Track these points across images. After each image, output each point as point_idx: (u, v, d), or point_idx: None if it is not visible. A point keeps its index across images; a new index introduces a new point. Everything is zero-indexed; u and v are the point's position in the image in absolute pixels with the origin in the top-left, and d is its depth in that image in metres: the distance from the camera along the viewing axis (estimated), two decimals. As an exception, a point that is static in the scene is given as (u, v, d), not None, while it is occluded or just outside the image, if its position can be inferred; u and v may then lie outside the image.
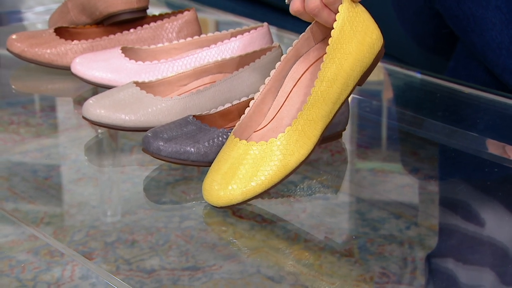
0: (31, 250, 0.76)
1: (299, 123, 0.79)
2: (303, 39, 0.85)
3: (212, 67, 1.00)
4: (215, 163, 0.81)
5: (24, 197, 0.86)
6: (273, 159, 0.78)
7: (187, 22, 1.14)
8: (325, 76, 0.80)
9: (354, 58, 0.80)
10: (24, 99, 1.12)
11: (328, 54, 0.80)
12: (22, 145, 0.98)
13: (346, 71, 0.80)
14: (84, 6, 1.15)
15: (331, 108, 0.80)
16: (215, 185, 0.78)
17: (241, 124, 0.83)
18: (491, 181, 0.90)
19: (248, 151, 0.79)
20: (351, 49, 0.80)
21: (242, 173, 0.78)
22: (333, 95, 0.80)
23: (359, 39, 0.80)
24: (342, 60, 0.80)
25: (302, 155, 0.79)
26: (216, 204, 0.79)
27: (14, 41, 1.13)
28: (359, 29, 0.80)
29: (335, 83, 0.80)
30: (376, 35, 0.82)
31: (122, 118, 0.92)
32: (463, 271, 0.75)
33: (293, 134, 0.79)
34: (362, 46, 0.81)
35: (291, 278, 0.73)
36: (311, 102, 0.79)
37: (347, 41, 0.80)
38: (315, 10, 0.80)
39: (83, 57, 1.06)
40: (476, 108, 1.10)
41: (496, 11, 1.09)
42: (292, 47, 0.85)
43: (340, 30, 0.80)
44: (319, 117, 0.80)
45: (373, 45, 0.81)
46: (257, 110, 0.84)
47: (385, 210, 0.84)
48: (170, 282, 0.72)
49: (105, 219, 0.83)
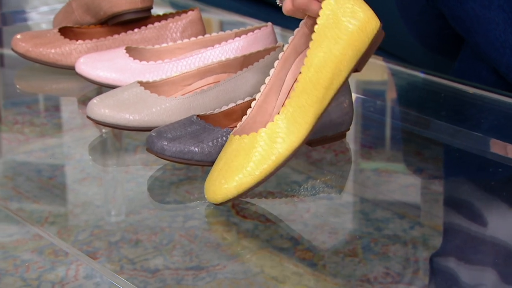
0: (36, 250, 0.77)
1: (288, 111, 0.79)
2: (299, 35, 0.85)
3: (216, 67, 1.00)
4: (215, 162, 0.81)
5: (29, 196, 0.86)
6: (263, 147, 0.78)
7: (191, 22, 1.14)
8: (312, 62, 0.79)
9: (345, 42, 0.80)
10: (28, 99, 1.12)
11: (314, 41, 0.80)
12: (27, 145, 0.98)
13: (336, 56, 0.80)
14: (89, 6, 1.15)
15: (323, 94, 0.80)
16: (212, 182, 0.79)
17: (243, 125, 0.82)
18: (495, 181, 0.90)
19: (239, 145, 0.79)
20: (341, 34, 0.80)
21: (235, 166, 0.78)
22: (324, 81, 0.80)
23: (350, 24, 0.80)
24: (330, 46, 0.80)
25: (293, 142, 0.79)
26: (214, 201, 0.79)
27: (18, 41, 1.13)
28: (347, 14, 0.80)
29: (325, 68, 0.80)
30: (370, 18, 0.81)
31: (126, 117, 0.92)
32: (467, 271, 0.75)
33: (282, 122, 0.79)
34: (354, 30, 0.80)
35: (294, 278, 0.73)
36: (299, 88, 0.79)
37: (334, 27, 0.80)
38: (303, 5, 0.81)
39: (88, 57, 1.06)
40: (481, 108, 1.09)
41: (499, 10, 1.09)
42: (289, 44, 0.85)
43: (326, 16, 0.80)
44: (310, 103, 0.79)
45: (367, 28, 0.81)
46: (261, 110, 0.83)
47: (389, 210, 0.84)
48: (174, 282, 0.72)
49: (109, 219, 0.83)
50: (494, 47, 1.11)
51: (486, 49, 1.12)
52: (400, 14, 1.29)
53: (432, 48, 1.32)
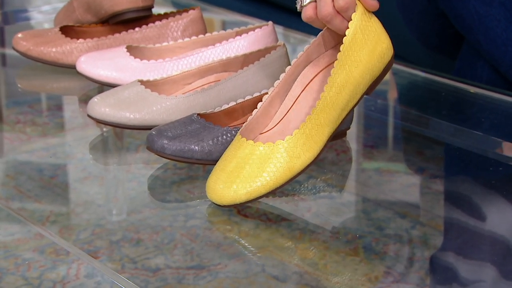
0: (37, 249, 0.77)
1: (307, 127, 0.79)
2: (314, 45, 0.85)
3: (216, 66, 1.00)
4: (221, 161, 0.81)
5: (30, 195, 0.86)
6: (280, 160, 0.78)
7: (192, 21, 1.14)
8: (335, 82, 0.80)
9: (364, 66, 0.81)
10: (30, 98, 1.12)
11: (339, 60, 0.80)
12: (28, 144, 0.98)
13: (355, 79, 0.80)
14: (90, 5, 1.15)
15: (338, 114, 0.81)
16: (220, 183, 0.79)
17: (248, 125, 0.83)
18: (496, 180, 0.90)
19: (254, 151, 0.79)
20: (362, 57, 0.80)
21: (248, 173, 0.78)
22: (342, 101, 0.80)
23: (370, 48, 0.81)
24: (352, 68, 0.80)
25: (308, 159, 0.79)
26: (220, 203, 0.79)
27: (19, 39, 1.13)
28: (370, 38, 0.81)
29: (344, 90, 0.80)
30: (387, 45, 0.82)
31: (127, 116, 0.92)
32: (468, 270, 0.75)
33: (300, 137, 0.79)
34: (372, 55, 0.81)
35: (296, 277, 0.73)
36: (320, 106, 0.80)
37: (358, 49, 0.80)
38: (327, 17, 0.80)
39: (89, 56, 1.06)
40: (482, 107, 1.09)
41: (500, 8, 1.09)
42: (303, 52, 0.85)
43: (352, 37, 0.80)
44: (326, 122, 0.80)
45: (383, 54, 0.82)
46: (265, 112, 0.84)
47: (391, 209, 0.84)
48: (175, 281, 0.72)
49: (110, 218, 0.83)
50: (495, 45, 1.11)
51: (488, 47, 1.12)
52: (401, 13, 1.29)
53: (432, 48, 1.31)
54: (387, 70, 0.83)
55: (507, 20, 1.09)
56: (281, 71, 0.98)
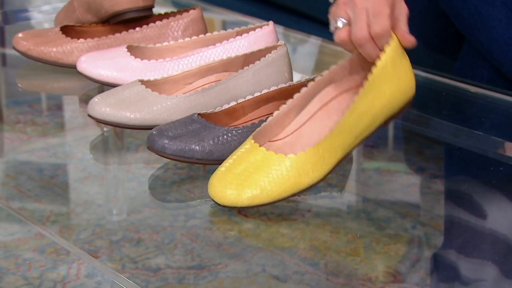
0: (37, 248, 0.77)
1: (321, 147, 0.79)
2: (340, 66, 0.85)
3: (217, 66, 1.00)
4: (228, 161, 0.80)
5: (30, 195, 0.86)
6: (288, 174, 0.78)
7: (192, 21, 1.14)
8: (357, 109, 0.80)
9: (386, 99, 0.81)
10: (30, 97, 1.12)
11: (365, 89, 0.80)
12: (29, 144, 0.98)
13: (376, 110, 0.81)
14: (90, 4, 1.15)
15: (352, 141, 0.81)
16: (224, 184, 0.78)
17: (260, 130, 0.83)
18: (497, 180, 0.90)
19: (265, 160, 0.79)
20: (387, 90, 0.81)
21: (254, 179, 0.78)
22: (359, 129, 0.81)
23: (396, 83, 0.81)
24: (375, 98, 0.81)
25: (315, 178, 0.79)
26: (221, 202, 0.79)
27: (20, 39, 1.13)
28: (398, 74, 0.81)
29: (363, 118, 0.81)
30: (411, 85, 0.83)
31: (128, 116, 0.92)
32: (469, 270, 0.75)
33: (313, 156, 0.79)
34: (397, 90, 0.81)
35: (296, 277, 0.73)
36: (338, 130, 0.80)
37: (385, 81, 0.81)
38: (361, 41, 0.80)
39: (89, 56, 1.06)
40: (482, 107, 1.09)
41: (502, 7, 1.09)
42: (328, 71, 0.85)
43: (382, 69, 0.80)
44: (340, 147, 0.80)
45: (406, 93, 0.82)
46: (279, 121, 0.84)
47: (391, 209, 0.84)
48: (175, 281, 0.72)
49: (110, 218, 0.83)
50: (497, 45, 1.10)
51: (489, 47, 1.11)
52: None
53: (433, 48, 1.31)
54: (404, 108, 0.84)
55: (509, 19, 1.09)
56: (281, 71, 0.98)
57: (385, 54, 0.80)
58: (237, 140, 0.85)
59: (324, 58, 1.30)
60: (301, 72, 1.15)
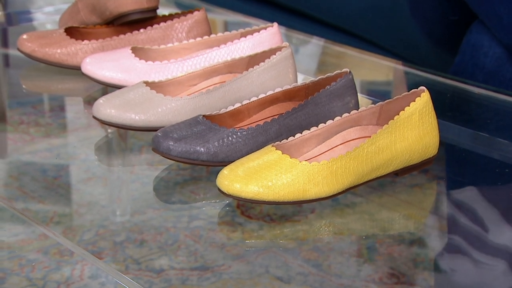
0: (41, 249, 0.77)
1: (335, 163, 0.79)
2: (370, 111, 0.86)
3: (221, 67, 1.00)
4: (243, 158, 0.81)
5: (34, 196, 0.86)
6: (298, 178, 0.78)
7: (197, 22, 1.14)
8: (377, 141, 0.81)
9: (408, 145, 0.83)
10: (34, 98, 1.12)
11: (389, 126, 0.82)
12: (32, 145, 0.98)
13: (396, 150, 0.82)
14: (94, 6, 1.15)
15: (367, 172, 0.81)
16: (233, 173, 0.79)
17: (283, 145, 0.83)
18: (501, 182, 0.90)
19: (278, 161, 0.79)
20: (410, 136, 0.83)
21: (264, 175, 0.78)
22: (375, 162, 0.81)
23: (420, 134, 0.83)
24: (397, 139, 0.82)
25: (323, 192, 0.79)
26: (225, 190, 0.79)
27: (24, 41, 1.13)
28: (424, 126, 0.84)
29: (382, 153, 0.82)
30: (434, 143, 0.85)
31: (132, 117, 0.92)
32: (472, 272, 0.75)
33: (326, 169, 0.79)
34: (419, 141, 0.83)
35: (299, 279, 0.73)
36: (355, 153, 0.80)
37: (410, 128, 0.83)
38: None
39: (93, 57, 1.06)
40: (487, 108, 1.09)
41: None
42: (357, 112, 0.86)
43: (409, 116, 0.83)
44: (354, 171, 0.80)
45: (428, 148, 0.84)
46: (301, 142, 0.84)
47: (395, 210, 0.84)
48: (178, 282, 0.72)
49: (114, 219, 0.83)
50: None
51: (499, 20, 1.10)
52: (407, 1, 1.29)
53: (435, 37, 1.31)
54: (423, 165, 0.85)
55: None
56: (286, 73, 0.98)
57: (414, 103, 0.83)
58: (242, 142, 0.85)
59: (327, 59, 1.30)
60: (303, 73, 1.15)
